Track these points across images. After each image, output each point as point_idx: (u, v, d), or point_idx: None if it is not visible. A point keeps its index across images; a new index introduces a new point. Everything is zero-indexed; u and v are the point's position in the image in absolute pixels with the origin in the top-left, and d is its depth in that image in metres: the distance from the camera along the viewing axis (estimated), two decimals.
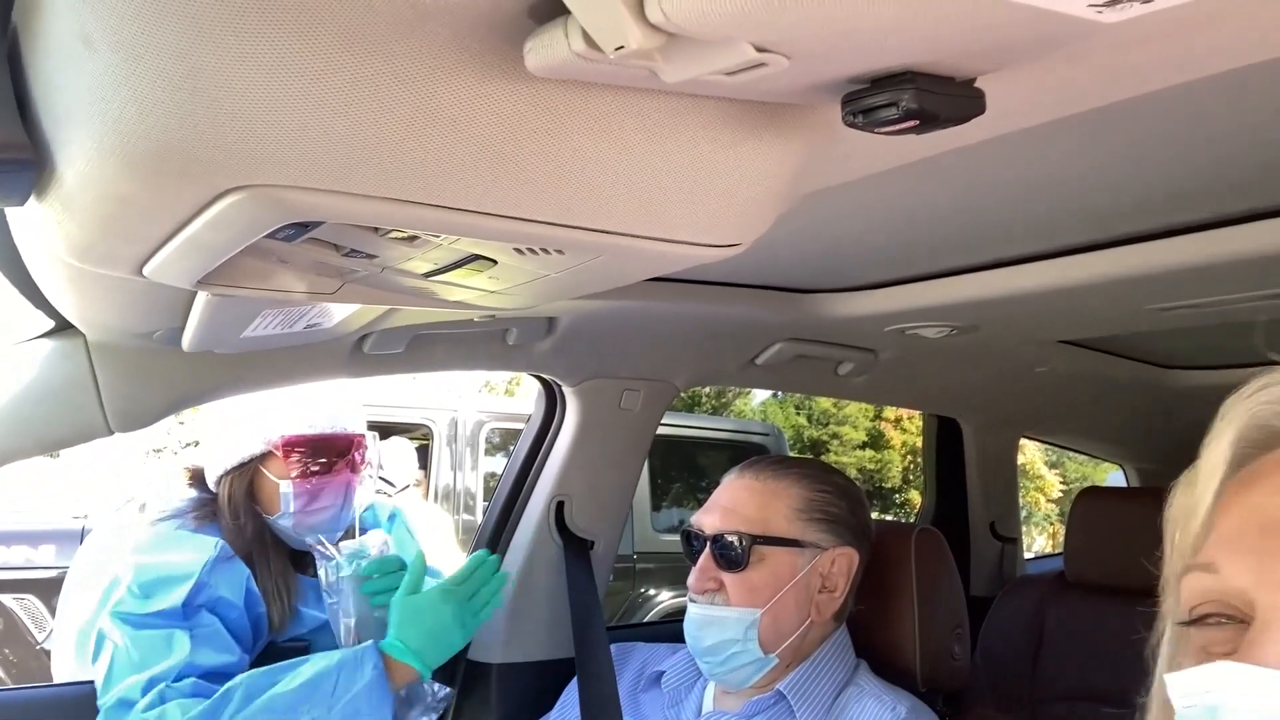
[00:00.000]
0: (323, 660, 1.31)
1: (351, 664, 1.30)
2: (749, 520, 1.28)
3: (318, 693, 1.27)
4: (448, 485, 4.98)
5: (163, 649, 1.32)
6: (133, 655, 1.31)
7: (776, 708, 1.26)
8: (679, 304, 1.37)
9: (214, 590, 1.41)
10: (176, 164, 0.44)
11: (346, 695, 1.27)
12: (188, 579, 1.38)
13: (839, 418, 16.84)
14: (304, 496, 1.49)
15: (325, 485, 1.51)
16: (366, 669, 1.29)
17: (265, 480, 1.50)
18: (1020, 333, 1.56)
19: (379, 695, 1.29)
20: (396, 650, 1.33)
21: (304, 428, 1.50)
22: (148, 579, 1.36)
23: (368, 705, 1.28)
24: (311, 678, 1.28)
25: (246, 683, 1.28)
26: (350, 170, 0.47)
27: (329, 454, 1.51)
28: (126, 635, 1.32)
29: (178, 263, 0.59)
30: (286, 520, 1.50)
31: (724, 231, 0.61)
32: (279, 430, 1.48)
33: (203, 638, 1.36)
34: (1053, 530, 15.50)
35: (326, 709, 1.27)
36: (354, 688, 1.28)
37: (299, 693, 1.27)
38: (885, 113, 0.43)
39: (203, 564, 1.40)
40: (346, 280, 0.78)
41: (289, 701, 1.26)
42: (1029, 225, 1.05)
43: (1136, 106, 0.65)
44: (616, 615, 5.10)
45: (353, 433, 1.56)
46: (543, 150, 0.49)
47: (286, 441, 1.48)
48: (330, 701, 1.27)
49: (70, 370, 1.17)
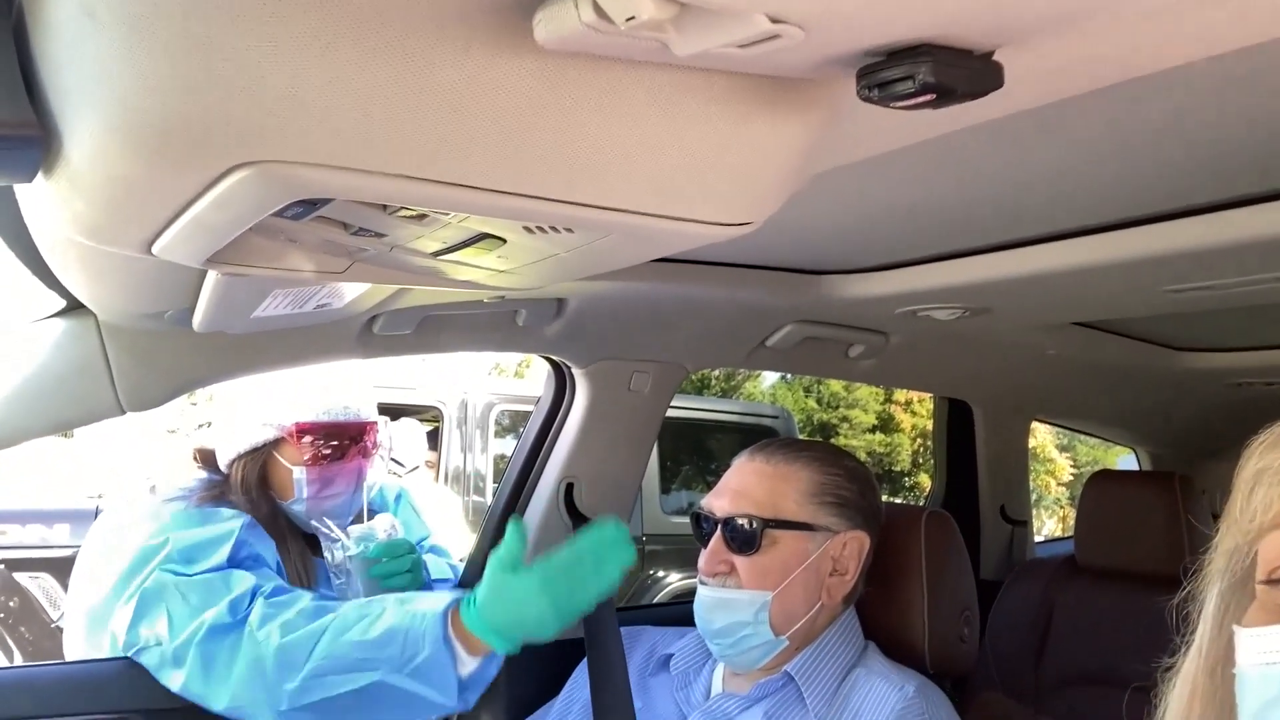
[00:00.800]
0: (395, 616, 1.29)
1: (418, 631, 1.27)
2: (760, 504, 1.28)
3: (390, 647, 1.27)
4: (458, 467, 5.00)
5: (222, 587, 1.34)
6: (191, 599, 1.32)
7: (785, 689, 1.26)
8: (688, 286, 1.36)
9: (253, 548, 1.43)
10: (182, 139, 0.44)
11: (415, 658, 1.27)
12: (227, 539, 1.40)
13: (849, 401, 16.82)
14: (317, 483, 1.50)
15: (338, 472, 1.52)
16: (429, 637, 1.26)
17: (278, 466, 1.51)
18: (1033, 315, 1.55)
19: (442, 665, 1.26)
20: (476, 625, 1.28)
21: (318, 414, 1.50)
22: (187, 545, 1.38)
23: (435, 671, 1.27)
24: (385, 633, 1.27)
25: (342, 614, 1.29)
26: (357, 146, 0.47)
27: (342, 440, 1.52)
28: (180, 584, 1.33)
29: (186, 241, 0.58)
30: (300, 505, 1.51)
31: (735, 210, 0.60)
32: (293, 416, 1.49)
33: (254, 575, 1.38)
34: (1063, 514, 15.48)
35: (398, 664, 1.26)
36: (419, 651, 1.26)
37: (378, 644, 1.27)
38: (901, 86, 0.42)
39: (239, 525, 1.42)
40: (355, 259, 0.77)
41: (370, 650, 1.27)
42: (1042, 206, 1.04)
43: (1152, 85, 0.64)
44: (625, 596, 5.12)
45: (365, 419, 1.56)
46: (551, 126, 0.48)
47: (300, 428, 1.48)
48: (402, 660, 1.27)
49: (82, 350, 1.18)
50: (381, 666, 1.26)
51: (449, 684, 1.28)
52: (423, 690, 1.28)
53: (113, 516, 1.58)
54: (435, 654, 1.27)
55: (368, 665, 1.26)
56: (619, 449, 1.76)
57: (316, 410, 1.50)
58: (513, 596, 1.28)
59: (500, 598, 1.28)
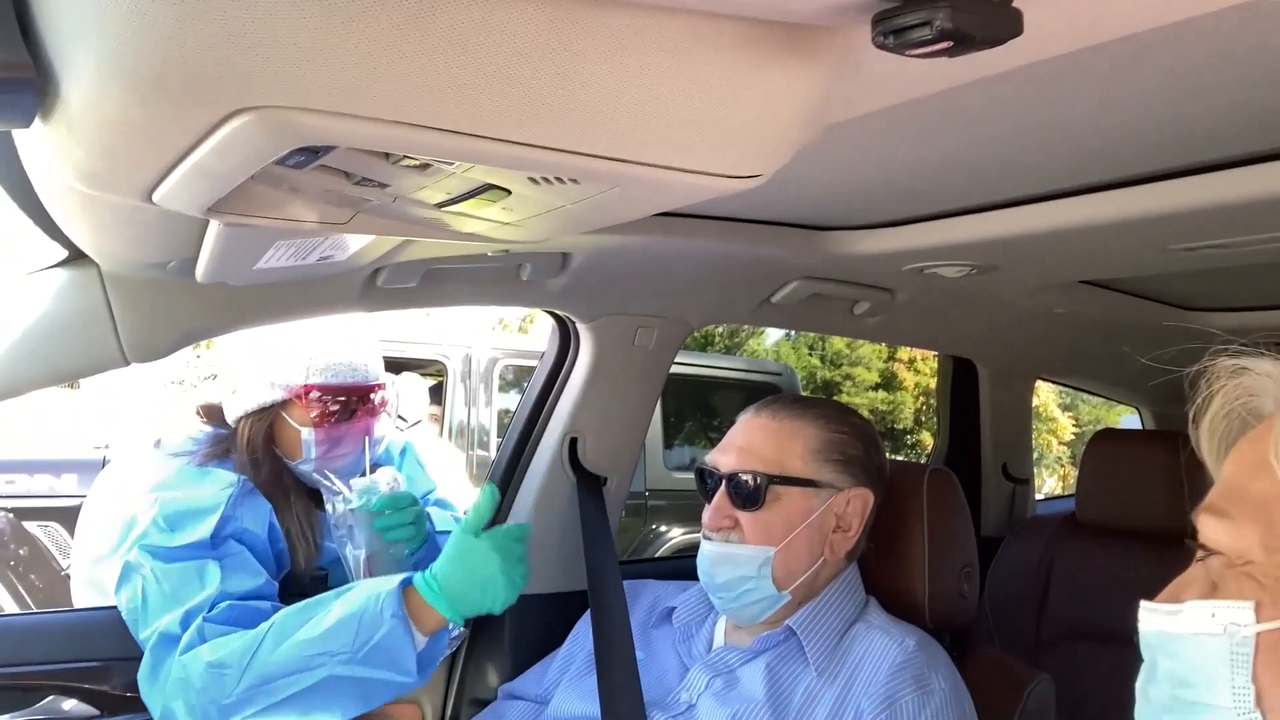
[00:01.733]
0: (345, 605, 1.29)
1: (373, 613, 1.27)
2: (765, 460, 1.28)
3: (340, 638, 1.27)
4: (461, 421, 5.01)
5: (195, 581, 1.34)
6: (164, 588, 1.32)
7: (786, 643, 1.27)
8: (694, 240, 1.35)
9: (239, 523, 1.42)
10: (181, 83, 0.43)
11: (369, 643, 1.27)
12: (213, 511, 1.39)
13: (852, 359, 16.83)
14: (325, 443, 1.50)
15: (346, 432, 1.51)
16: (386, 616, 1.27)
17: (286, 426, 1.50)
18: (1041, 272, 1.54)
19: (401, 643, 1.27)
20: (430, 593, 1.30)
21: (326, 376, 1.49)
22: (172, 512, 1.38)
23: (391, 650, 1.27)
24: (335, 624, 1.27)
25: (280, 622, 1.29)
26: (360, 92, 0.46)
27: (350, 400, 1.51)
28: (156, 569, 1.33)
29: (187, 189, 0.58)
30: (307, 465, 1.51)
31: (744, 162, 0.59)
32: (301, 378, 1.48)
33: (232, 566, 1.38)
34: (1063, 472, 15.56)
35: (350, 655, 1.27)
36: (374, 636, 1.27)
37: (325, 638, 1.27)
38: (918, 33, 0.41)
39: (227, 497, 1.41)
40: (359, 210, 0.77)
41: (316, 646, 1.26)
42: (1052, 162, 1.02)
43: (1167, 38, 0.62)
44: (628, 551, 5.18)
45: (373, 380, 1.55)
46: (558, 73, 0.47)
47: (309, 389, 1.48)
48: (353, 649, 1.27)
49: (85, 300, 1.17)
50: (330, 661, 1.26)
51: (408, 660, 1.28)
52: (378, 674, 1.28)
53: (116, 469, 1.58)
54: (393, 630, 1.26)
55: (316, 662, 1.26)
56: (623, 404, 1.76)
57: (324, 371, 1.49)
58: (473, 560, 1.31)
59: (462, 561, 1.31)
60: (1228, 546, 0.60)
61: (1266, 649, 0.56)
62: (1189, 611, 0.59)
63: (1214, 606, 0.58)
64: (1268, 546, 0.57)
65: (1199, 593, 0.60)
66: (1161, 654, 0.61)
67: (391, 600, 1.28)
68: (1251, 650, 0.56)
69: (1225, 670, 0.56)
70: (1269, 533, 0.58)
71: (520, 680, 1.53)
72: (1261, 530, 0.58)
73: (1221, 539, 0.60)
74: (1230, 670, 0.56)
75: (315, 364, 1.48)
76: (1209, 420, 0.65)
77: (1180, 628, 0.59)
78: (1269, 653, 0.55)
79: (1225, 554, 0.60)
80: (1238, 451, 0.63)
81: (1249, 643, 0.56)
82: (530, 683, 1.51)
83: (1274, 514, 0.58)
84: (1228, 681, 0.56)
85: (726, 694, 1.25)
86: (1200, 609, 0.59)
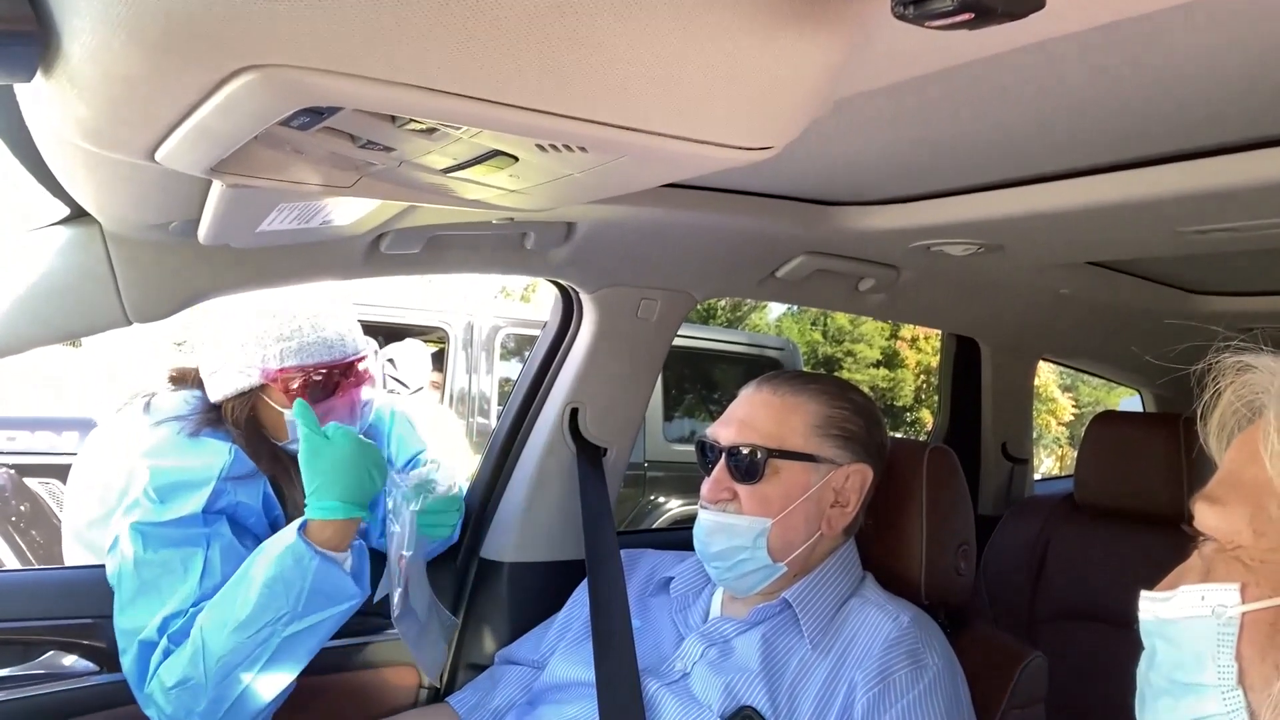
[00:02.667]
0: (262, 574, 1.27)
1: (292, 568, 1.27)
2: (765, 434, 1.28)
3: (275, 603, 1.26)
4: (463, 389, 5.02)
5: (178, 570, 1.32)
6: (144, 574, 1.31)
7: (782, 615, 1.28)
8: (700, 213, 1.34)
9: (233, 495, 1.40)
10: (185, 38, 0.42)
11: (303, 594, 1.26)
12: (205, 484, 1.37)
13: (854, 335, 16.83)
14: None
15: (331, 407, 1.46)
16: (305, 562, 1.27)
17: (268, 408, 1.46)
18: (1047, 252, 1.53)
19: (332, 576, 1.28)
20: (324, 509, 1.29)
21: (302, 358, 1.43)
22: (163, 484, 1.35)
23: (326, 588, 1.28)
24: (263, 594, 1.26)
25: (209, 618, 1.27)
26: (366, 53, 0.45)
27: (332, 376, 1.46)
28: (140, 552, 1.32)
29: (189, 148, 0.57)
30: (296, 445, 1.46)
31: (755, 133, 0.58)
32: (276, 362, 1.42)
33: (217, 554, 1.36)
34: (1061, 453, 15.61)
35: (294, 614, 1.27)
36: (305, 586, 1.26)
37: (260, 612, 1.25)
38: (938, 4, 0.40)
39: (219, 470, 1.38)
40: (363, 174, 0.76)
41: (256, 624, 1.25)
42: (1062, 141, 1.01)
43: (1183, 16, 0.61)
44: (626, 521, 5.20)
45: (350, 354, 1.48)
46: (568, 37, 0.46)
47: (286, 373, 1.42)
48: (291, 606, 1.26)
49: (87, 259, 1.17)
50: (276, 627, 1.26)
51: (345, 586, 1.30)
52: (326, 612, 1.29)
53: (106, 430, 1.56)
54: (318, 569, 1.27)
55: (263, 635, 1.26)
56: (624, 376, 1.76)
57: (300, 352, 1.43)
58: (330, 458, 1.30)
59: (327, 458, 1.30)
60: (1220, 531, 0.62)
61: (1250, 628, 0.58)
62: (1181, 596, 0.62)
63: (1204, 590, 0.60)
64: (1256, 530, 0.60)
65: (1196, 579, 0.63)
66: (1159, 639, 0.63)
67: (302, 546, 1.27)
68: (1236, 630, 0.58)
69: (1213, 650, 0.59)
70: (1257, 516, 0.60)
71: (517, 646, 1.55)
72: (1250, 513, 0.60)
73: (1214, 523, 0.63)
74: (1216, 649, 0.58)
75: (289, 345, 1.43)
76: (1218, 416, 0.67)
77: (1173, 613, 0.62)
78: (1252, 631, 0.58)
79: (1218, 539, 0.62)
80: (1235, 444, 0.65)
81: (1234, 623, 0.58)
82: (527, 648, 1.52)
83: (1263, 499, 0.60)
84: (1214, 660, 0.58)
85: (721, 663, 1.26)
86: (1191, 593, 0.61)
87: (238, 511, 1.42)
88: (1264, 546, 0.59)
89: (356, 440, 1.33)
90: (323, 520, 1.29)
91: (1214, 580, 0.61)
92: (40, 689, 1.35)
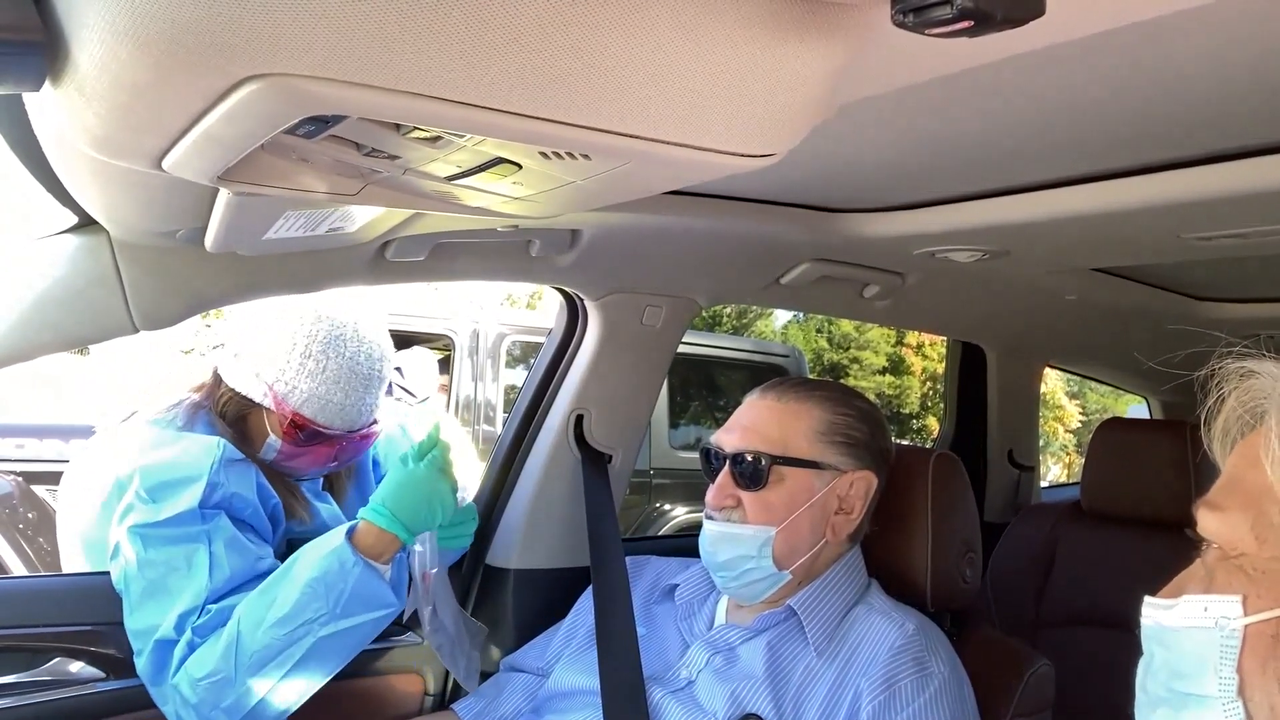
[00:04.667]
0: (305, 573, 1.29)
1: (335, 570, 1.28)
2: (769, 440, 1.28)
3: (314, 604, 1.27)
4: (468, 396, 5.03)
5: (182, 568, 1.32)
6: (149, 574, 1.31)
7: (787, 623, 1.28)
8: (705, 219, 1.34)
9: (227, 488, 1.39)
10: (192, 48, 0.43)
11: (342, 596, 1.28)
12: (197, 479, 1.36)
13: (860, 342, 16.81)
14: (286, 458, 1.48)
15: (312, 455, 1.49)
16: (349, 567, 1.29)
17: (260, 423, 1.47)
18: (1053, 259, 1.53)
19: (372, 583, 1.30)
20: (383, 519, 1.31)
21: (317, 416, 1.43)
22: (155, 482, 1.35)
23: (365, 594, 1.30)
24: (304, 594, 1.27)
25: (247, 612, 1.28)
26: (372, 62, 0.45)
27: (333, 438, 1.48)
28: (142, 554, 1.31)
29: (197, 156, 0.57)
30: (266, 455, 1.48)
31: (758, 140, 0.58)
32: (293, 402, 1.42)
33: (221, 547, 1.35)
34: (1068, 460, 15.55)
35: (331, 616, 1.28)
36: (346, 589, 1.28)
37: (298, 612, 1.27)
38: (938, 12, 0.40)
39: (210, 464, 1.37)
40: (368, 182, 0.76)
41: (293, 624, 1.27)
42: (1067, 148, 1.01)
43: (1188, 21, 0.61)
44: (631, 528, 5.20)
45: (361, 429, 1.50)
46: (572, 45, 0.47)
47: (296, 420, 1.43)
48: (330, 609, 1.28)
49: (95, 267, 1.17)
50: (313, 627, 1.27)
51: (384, 594, 1.31)
52: (362, 618, 1.30)
53: (99, 440, 1.57)
54: (360, 575, 1.29)
55: (299, 634, 1.27)
56: (629, 382, 1.76)
57: (320, 412, 1.43)
58: (417, 484, 1.34)
59: (405, 489, 1.34)
60: (1222, 537, 0.62)
61: (1253, 640, 0.58)
62: (1183, 606, 0.62)
63: (1207, 600, 0.60)
64: (1258, 537, 0.59)
65: (1198, 587, 0.62)
66: (1158, 647, 0.63)
67: (348, 551, 1.30)
68: (1239, 642, 0.58)
69: (1215, 661, 0.58)
70: (1259, 522, 0.60)
71: (522, 653, 1.54)
72: (1252, 519, 0.60)
73: (1215, 529, 0.62)
74: (1219, 661, 0.58)
75: (315, 398, 1.42)
76: (1221, 422, 0.67)
77: (1175, 622, 0.62)
78: (1254, 642, 0.58)
79: (1220, 545, 0.62)
80: (1237, 449, 0.65)
81: (1236, 635, 0.58)
82: (532, 656, 1.52)
83: (1264, 505, 0.60)
84: (1216, 672, 0.58)
85: (726, 671, 1.26)
86: (1194, 603, 0.61)
87: (233, 505, 1.41)
88: (1266, 555, 0.59)
89: (439, 473, 1.36)
90: (371, 525, 1.32)
91: (1216, 588, 0.61)
92: (47, 695, 1.36)
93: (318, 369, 1.42)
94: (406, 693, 1.67)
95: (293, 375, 1.42)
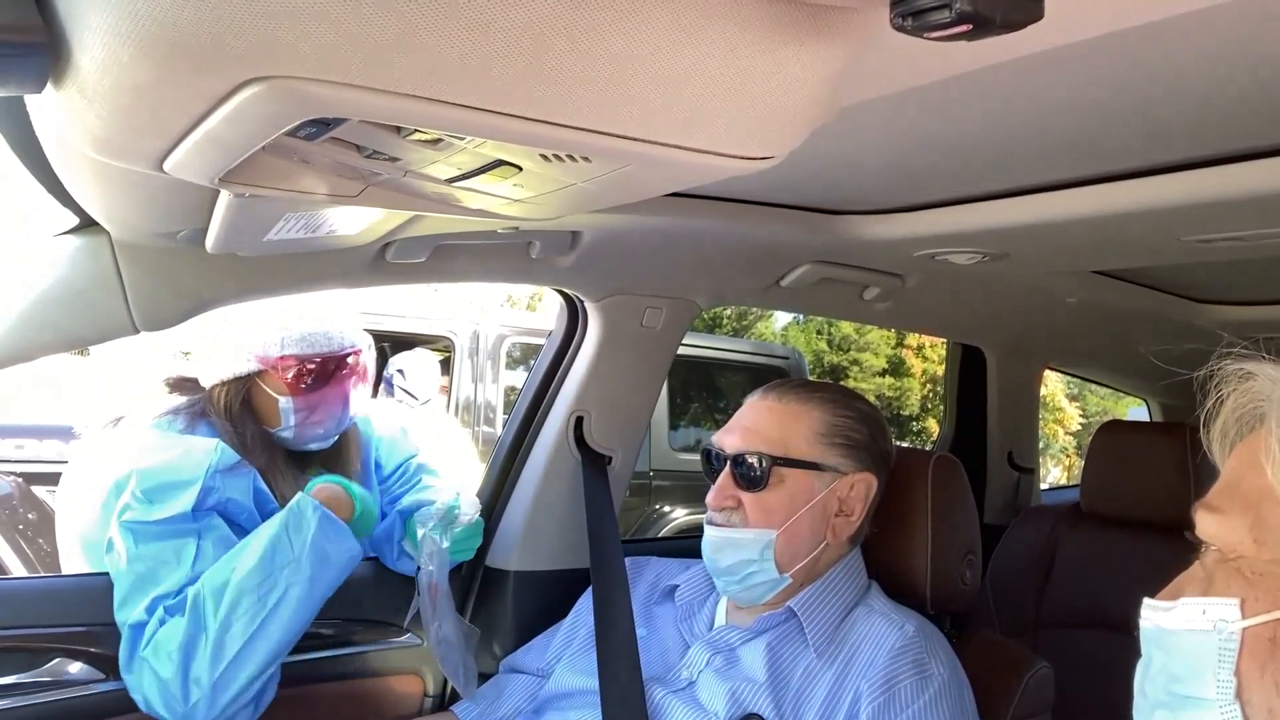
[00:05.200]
0: (267, 529, 1.35)
1: (295, 519, 1.35)
2: (770, 441, 1.28)
3: (279, 555, 1.32)
4: (468, 398, 5.03)
5: (171, 561, 1.34)
6: (138, 568, 1.33)
7: (787, 624, 1.28)
8: (705, 221, 1.34)
9: (222, 493, 1.42)
10: (193, 50, 0.43)
11: (305, 544, 1.33)
12: (193, 483, 1.38)
13: (860, 344, 16.82)
14: (304, 410, 1.52)
15: (322, 399, 1.53)
16: (309, 515, 1.35)
17: (263, 393, 1.52)
18: (1053, 261, 1.53)
19: (334, 530, 1.36)
20: (343, 484, 1.42)
21: (301, 347, 1.50)
22: (152, 484, 1.37)
23: (329, 542, 1.35)
24: (266, 548, 1.32)
25: (207, 580, 1.31)
26: (373, 64, 0.45)
27: (326, 367, 1.53)
28: (133, 549, 1.34)
29: (198, 158, 0.58)
30: (287, 432, 1.53)
31: (758, 142, 0.59)
32: (277, 350, 1.49)
33: (212, 544, 1.37)
34: (1068, 462, 15.54)
35: (296, 564, 1.32)
36: (307, 534, 1.33)
37: (263, 565, 1.31)
38: (936, 16, 0.40)
39: (206, 468, 1.40)
40: (369, 184, 0.76)
41: (259, 575, 1.30)
42: (1067, 151, 1.02)
43: (1187, 24, 0.61)
44: (631, 530, 5.19)
45: (348, 347, 1.56)
46: (573, 48, 0.47)
47: (285, 360, 1.49)
48: (295, 556, 1.32)
49: (96, 268, 1.17)
50: (279, 576, 1.31)
51: (345, 537, 1.37)
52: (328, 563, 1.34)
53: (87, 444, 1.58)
54: (320, 520, 1.35)
55: (265, 588, 1.30)
56: (629, 384, 1.76)
57: (300, 342, 1.50)
58: None
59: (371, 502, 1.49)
60: (1220, 539, 0.62)
61: (1251, 643, 0.58)
62: (1182, 608, 0.62)
63: (1205, 604, 0.60)
64: (1257, 539, 0.59)
65: (1197, 589, 0.62)
66: (1157, 649, 0.63)
67: (306, 500, 1.36)
68: (1237, 645, 0.58)
69: (1213, 664, 0.58)
70: (1258, 524, 0.60)
71: (522, 654, 1.54)
72: (1250, 522, 0.60)
73: (1214, 531, 0.62)
74: (1217, 664, 0.58)
75: (290, 334, 1.50)
76: (1220, 424, 0.67)
77: (1174, 624, 0.62)
78: (1252, 646, 0.58)
79: (1219, 548, 0.62)
80: (1236, 451, 0.65)
81: (1235, 639, 0.58)
82: (532, 656, 1.52)
83: (1263, 508, 0.60)
84: (1214, 675, 0.58)
85: (727, 671, 1.26)
86: (1192, 606, 0.61)
87: (228, 509, 1.43)
88: (1265, 557, 0.59)
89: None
90: (330, 484, 1.41)
91: (1215, 591, 0.61)
92: (45, 696, 1.36)
93: (284, 318, 1.52)
94: (406, 694, 1.67)
95: (272, 333, 1.51)
